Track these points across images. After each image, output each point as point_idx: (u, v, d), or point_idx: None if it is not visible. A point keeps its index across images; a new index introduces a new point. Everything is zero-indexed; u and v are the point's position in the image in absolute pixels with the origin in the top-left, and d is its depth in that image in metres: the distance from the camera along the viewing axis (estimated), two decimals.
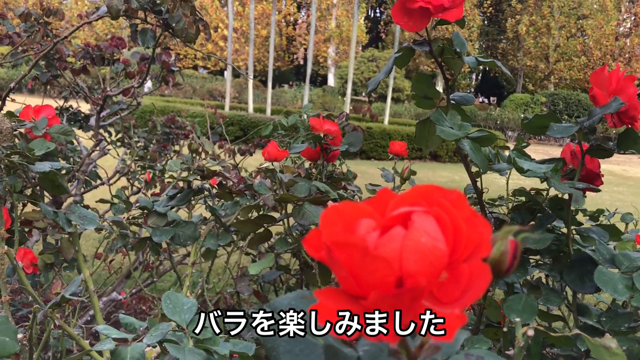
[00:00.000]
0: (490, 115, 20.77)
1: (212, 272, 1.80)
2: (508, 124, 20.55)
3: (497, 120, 20.55)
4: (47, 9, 1.89)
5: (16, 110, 2.14)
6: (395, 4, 0.72)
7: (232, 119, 11.12)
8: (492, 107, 24.63)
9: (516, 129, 20.58)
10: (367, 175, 7.35)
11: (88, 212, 0.85)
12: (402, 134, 11.14)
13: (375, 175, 6.70)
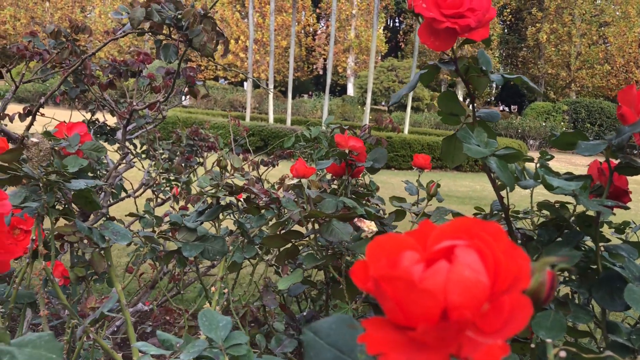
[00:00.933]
0: (512, 124, 20.59)
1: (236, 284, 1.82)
2: (529, 133, 20.35)
3: (518, 129, 20.36)
4: (76, 26, 1.95)
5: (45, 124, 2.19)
6: (421, 25, 0.73)
7: (253, 129, 11.21)
8: (513, 115, 24.43)
9: (537, 138, 20.37)
10: (388, 185, 7.34)
11: (121, 227, 0.87)
12: (422, 143, 11.11)
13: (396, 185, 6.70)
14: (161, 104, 2.14)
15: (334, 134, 2.30)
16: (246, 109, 15.31)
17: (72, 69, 1.72)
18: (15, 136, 1.97)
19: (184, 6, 1.36)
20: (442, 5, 0.71)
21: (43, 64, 1.99)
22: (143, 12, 1.24)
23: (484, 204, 4.76)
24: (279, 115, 18.15)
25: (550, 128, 20.48)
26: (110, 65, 2.31)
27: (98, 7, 30.79)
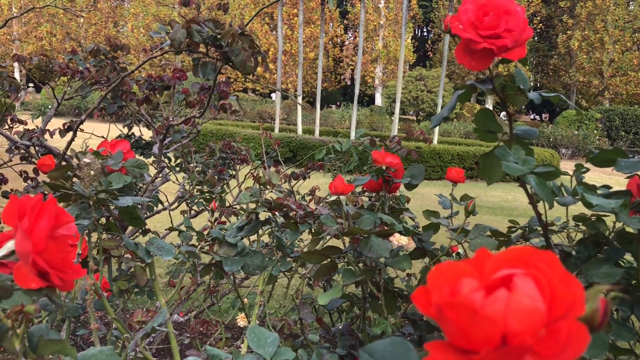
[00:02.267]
0: (543, 133, 20.27)
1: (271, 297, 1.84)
2: (561, 141, 20.00)
3: (549, 138, 20.03)
4: (115, 44, 2.01)
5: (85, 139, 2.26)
6: (458, 45, 0.74)
7: (282, 140, 11.30)
8: (544, 124, 24.07)
9: (570, 147, 20.01)
10: (418, 196, 7.30)
11: (165, 243, 0.90)
12: (452, 153, 11.03)
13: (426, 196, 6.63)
14: (197, 119, 2.19)
15: (365, 146, 2.32)
16: (275, 120, 15.44)
17: (112, 86, 1.77)
18: (57, 152, 2.04)
19: (223, 25, 1.40)
20: (479, 26, 0.72)
21: (83, 82, 2.06)
22: (184, 33, 1.28)
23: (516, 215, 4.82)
24: (307, 126, 18.25)
25: (583, 136, 20.11)
26: (146, 81, 2.38)
27: (130, 22, 31.52)
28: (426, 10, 37.26)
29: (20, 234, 0.44)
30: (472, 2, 0.75)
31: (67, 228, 0.47)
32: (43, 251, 0.44)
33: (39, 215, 0.45)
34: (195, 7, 1.65)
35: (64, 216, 0.47)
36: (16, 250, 0.44)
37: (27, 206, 0.45)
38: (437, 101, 15.69)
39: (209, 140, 10.29)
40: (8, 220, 0.46)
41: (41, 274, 0.45)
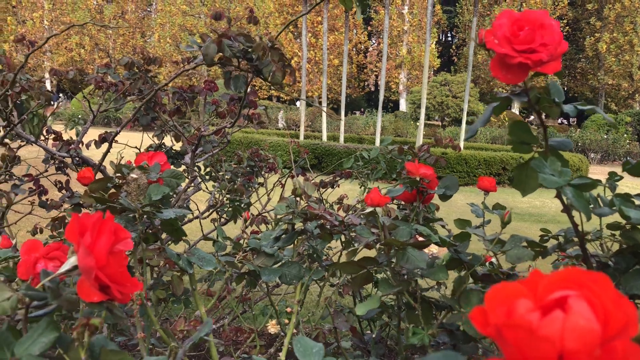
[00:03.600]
0: (571, 137, 19.94)
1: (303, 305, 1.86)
2: (590, 146, 19.65)
3: (578, 142, 19.70)
4: (148, 57, 2.06)
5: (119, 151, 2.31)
6: (493, 59, 0.75)
7: (307, 147, 11.34)
8: (572, 128, 23.69)
9: (599, 151, 19.66)
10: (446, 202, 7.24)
11: (205, 254, 0.93)
12: (478, 159, 10.94)
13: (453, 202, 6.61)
14: (228, 129, 2.23)
15: (393, 154, 2.33)
16: (300, 127, 15.51)
17: (147, 99, 1.82)
18: (93, 163, 2.10)
19: (253, 39, 1.43)
20: (514, 41, 0.73)
21: (117, 94, 2.12)
22: (215, 47, 1.32)
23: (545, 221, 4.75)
24: (331, 132, 18.29)
25: (612, 141, 19.73)
26: (176, 92, 2.42)
27: (157, 32, 32.06)
28: (450, 15, 37.09)
29: (83, 250, 0.46)
30: (507, 16, 0.76)
31: (124, 244, 0.50)
32: (104, 266, 0.46)
33: (99, 232, 0.47)
34: (225, 20, 1.68)
35: (122, 232, 0.50)
36: (79, 265, 0.47)
37: (88, 223, 0.48)
38: (463, 106, 15.58)
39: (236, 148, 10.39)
40: (70, 237, 0.48)
41: (102, 288, 0.47)
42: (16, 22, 32.73)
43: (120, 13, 32.62)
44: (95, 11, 31.91)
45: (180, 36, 30.94)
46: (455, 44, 37.18)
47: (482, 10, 29.59)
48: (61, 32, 1.39)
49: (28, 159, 2.46)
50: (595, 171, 15.77)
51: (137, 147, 2.51)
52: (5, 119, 1.89)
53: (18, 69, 1.59)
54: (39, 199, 2.06)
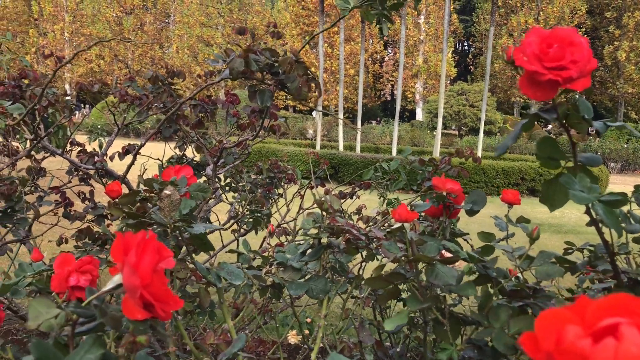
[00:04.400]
0: (590, 147, 19.72)
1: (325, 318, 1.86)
2: (610, 155, 19.41)
3: (597, 152, 19.48)
4: (171, 71, 2.10)
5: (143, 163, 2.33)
6: (522, 76, 0.76)
7: (324, 157, 11.37)
8: (591, 137, 23.40)
9: (619, 160, 19.41)
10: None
11: (234, 268, 0.94)
12: (496, 168, 10.87)
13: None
14: (249, 141, 2.25)
15: (414, 166, 2.33)
16: (317, 137, 15.55)
17: (172, 112, 1.85)
18: (117, 175, 2.13)
19: (278, 53, 1.44)
20: (544, 58, 0.73)
21: (141, 107, 2.15)
22: (242, 62, 1.34)
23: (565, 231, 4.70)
24: (348, 142, 18.31)
25: (632, 150, 19.48)
26: (199, 104, 2.45)
27: (175, 43, 32.44)
28: (467, 24, 37.04)
29: (128, 269, 0.48)
30: (536, 34, 0.76)
31: (167, 262, 0.51)
32: (149, 285, 0.48)
33: (144, 251, 0.49)
34: (249, 35, 1.71)
35: (165, 251, 0.51)
36: (124, 284, 0.48)
37: (132, 243, 0.49)
38: (480, 115, 15.51)
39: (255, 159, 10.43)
40: (115, 256, 0.50)
41: (146, 306, 0.49)
42: (37, 34, 33.38)
43: (139, 25, 33.08)
44: (115, 23, 32.42)
45: (198, 47, 31.30)
46: (471, 53, 37.09)
47: (498, 19, 29.50)
48: (88, 49, 1.42)
49: (51, 170, 2.51)
50: (615, 181, 15.56)
51: (160, 159, 2.55)
52: (32, 132, 1.93)
53: (46, 84, 1.63)
54: (64, 210, 2.09)
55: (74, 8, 32.89)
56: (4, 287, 0.88)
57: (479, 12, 34.86)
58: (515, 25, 28.86)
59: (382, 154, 14.29)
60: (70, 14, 32.79)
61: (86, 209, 2.18)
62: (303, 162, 11.37)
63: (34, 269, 0.95)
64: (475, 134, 21.58)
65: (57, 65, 1.58)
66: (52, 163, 2.61)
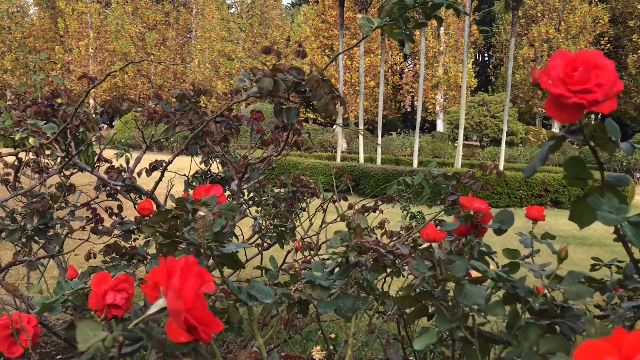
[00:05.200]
0: (615, 157, 19.42)
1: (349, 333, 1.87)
2: (636, 166, 19.08)
3: (622, 162, 19.16)
4: (198, 89, 2.14)
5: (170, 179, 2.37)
6: (548, 98, 0.77)
7: (344, 169, 11.39)
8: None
9: None
10: None
11: (264, 286, 0.96)
12: (518, 180, 10.76)
13: None
14: (274, 157, 2.28)
15: (438, 180, 2.34)
16: (337, 149, 15.59)
17: (198, 130, 1.89)
18: (145, 191, 2.18)
19: (304, 72, 1.47)
20: (569, 81, 0.74)
21: (169, 125, 2.20)
22: (271, 82, 1.37)
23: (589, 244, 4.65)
24: (368, 154, 18.31)
25: None
26: (224, 121, 2.50)
27: (197, 58, 32.92)
28: (487, 35, 36.91)
29: (172, 293, 0.50)
30: (561, 57, 0.78)
31: (208, 286, 0.53)
32: (192, 309, 0.50)
33: (187, 275, 0.51)
34: (275, 55, 1.74)
35: (206, 275, 0.53)
36: (168, 308, 0.50)
37: (175, 267, 0.51)
38: (501, 126, 15.41)
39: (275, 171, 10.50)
40: (159, 280, 0.52)
41: (189, 329, 0.51)
42: (63, 50, 34.14)
43: (162, 40, 33.64)
44: (138, 39, 33.00)
45: (220, 61, 31.68)
46: (492, 64, 36.91)
47: (519, 29, 29.33)
48: (120, 69, 1.47)
49: (79, 185, 2.57)
50: None
51: (186, 175, 2.59)
52: (63, 150, 1.98)
53: (79, 104, 1.68)
54: (95, 226, 2.14)
55: (98, 25, 33.60)
56: (45, 306, 0.91)
57: (499, 22, 34.73)
58: (536, 36, 28.68)
59: (403, 166, 14.26)
60: (95, 31, 33.49)
61: (113, 224, 2.23)
62: (324, 174, 11.40)
63: (71, 286, 0.99)
64: (497, 145, 21.42)
65: (90, 86, 1.63)
66: (79, 177, 2.67)
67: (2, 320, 1.01)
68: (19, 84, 2.02)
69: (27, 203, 2.13)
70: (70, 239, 2.43)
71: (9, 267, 1.82)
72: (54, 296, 1.04)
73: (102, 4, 34.40)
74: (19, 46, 32.56)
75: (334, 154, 17.75)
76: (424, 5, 1.47)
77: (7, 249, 4.96)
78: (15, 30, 32.79)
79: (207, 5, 33.60)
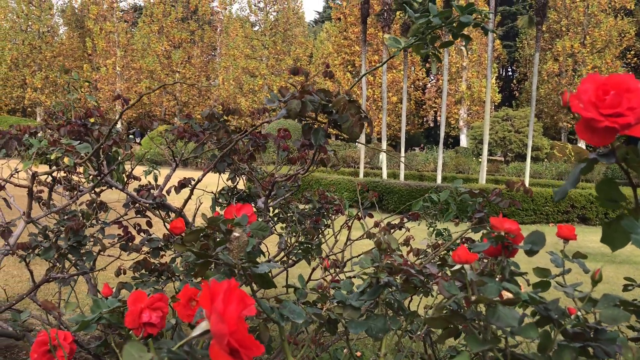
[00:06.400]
0: None
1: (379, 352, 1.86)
2: None
3: None
4: (227, 109, 2.18)
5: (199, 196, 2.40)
6: (579, 122, 0.78)
7: (368, 184, 11.37)
8: None
9: None
10: None
11: (296, 307, 0.97)
12: (544, 196, 10.62)
13: None
14: (300, 175, 2.30)
15: (464, 198, 2.33)
16: (360, 165, 15.59)
17: (228, 149, 1.92)
18: (174, 209, 2.21)
19: (331, 94, 1.50)
20: (600, 105, 0.75)
21: (198, 143, 2.24)
22: (299, 103, 1.39)
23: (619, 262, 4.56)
24: (391, 169, 18.26)
25: None
26: (251, 139, 2.53)
27: (221, 75, 33.38)
28: (510, 50, 36.73)
29: (216, 316, 0.52)
30: (592, 81, 0.78)
31: (249, 309, 0.55)
32: (235, 332, 0.52)
33: (230, 299, 0.53)
34: (303, 75, 1.77)
35: (248, 299, 0.55)
36: (212, 331, 0.52)
37: (218, 291, 0.53)
38: (526, 141, 15.25)
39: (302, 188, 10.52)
40: (203, 304, 0.54)
41: (231, 352, 0.52)
42: (91, 68, 34.96)
43: (187, 58, 34.20)
44: (164, 57, 33.61)
45: (243, 78, 32.07)
46: (516, 79, 36.67)
47: (543, 44, 29.12)
48: (152, 91, 1.51)
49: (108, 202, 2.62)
50: None
51: (213, 192, 2.63)
52: (96, 168, 2.03)
53: (113, 124, 1.73)
54: (125, 243, 2.18)
55: (125, 43, 34.34)
56: (83, 323, 0.94)
57: (522, 37, 34.55)
58: (560, 50, 28.44)
59: (427, 182, 14.19)
60: (122, 49, 34.24)
61: (142, 241, 2.27)
62: (347, 190, 11.40)
63: (108, 305, 1.01)
64: (522, 160, 21.20)
65: (123, 107, 1.67)
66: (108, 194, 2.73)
67: (41, 337, 1.05)
68: (54, 104, 2.08)
69: (59, 220, 2.18)
70: (100, 255, 2.48)
71: (42, 283, 1.86)
72: (90, 314, 1.07)
73: (129, 23, 35.18)
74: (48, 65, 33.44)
75: (356, 169, 17.75)
76: (451, 25, 1.49)
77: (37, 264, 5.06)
78: (45, 50, 33.71)
79: (231, 24, 34.12)
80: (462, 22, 1.35)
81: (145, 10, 34.34)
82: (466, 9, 1.32)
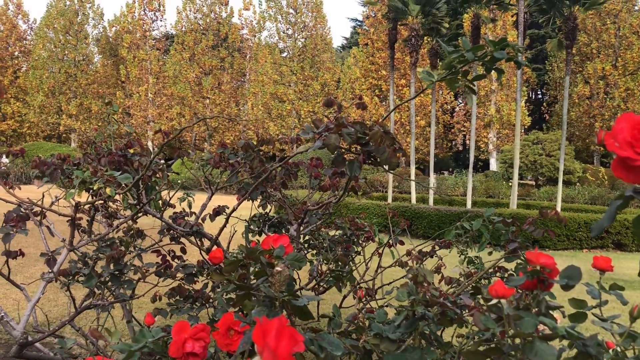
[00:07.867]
0: None
1: None
2: None
3: None
4: (262, 139, 2.24)
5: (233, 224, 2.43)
6: (615, 160, 0.79)
7: (397, 209, 11.33)
8: None
9: None
10: None
11: (334, 339, 1.00)
12: (578, 221, 10.41)
13: None
14: (332, 204, 2.33)
15: (498, 227, 2.33)
16: (388, 189, 15.55)
17: (263, 179, 1.96)
18: (210, 236, 2.26)
19: (367, 126, 1.53)
20: (636, 144, 0.77)
21: (232, 172, 2.30)
22: (337, 138, 1.43)
23: None
24: (420, 194, 18.16)
25: None
26: (283, 167, 2.58)
27: (250, 100, 33.87)
28: (540, 72, 36.43)
29: (268, 352, 0.55)
30: (627, 120, 0.80)
31: (299, 346, 0.58)
32: None
33: (281, 336, 0.56)
34: (336, 108, 1.81)
35: (297, 336, 0.58)
36: None
37: (270, 328, 0.56)
38: (557, 165, 15.02)
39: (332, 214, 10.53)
40: (256, 339, 0.57)
41: None
42: (124, 95, 35.88)
43: (217, 84, 34.83)
44: (194, 83, 34.30)
45: (272, 104, 32.48)
46: (546, 101, 36.28)
47: (573, 67, 28.83)
48: (192, 125, 1.57)
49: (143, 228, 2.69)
50: None
51: (246, 220, 2.68)
52: (135, 197, 2.10)
53: (153, 157, 1.79)
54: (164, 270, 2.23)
55: (157, 70, 35.19)
56: (130, 353, 0.97)
57: (552, 60, 34.27)
58: (591, 72, 28.11)
59: (457, 206, 14.06)
60: (154, 76, 35.08)
61: (177, 268, 2.32)
62: (376, 215, 11.36)
63: (152, 335, 1.05)
64: (553, 184, 20.85)
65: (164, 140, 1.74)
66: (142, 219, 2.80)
67: None
68: (95, 135, 2.17)
69: (97, 247, 2.25)
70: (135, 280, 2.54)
71: (84, 310, 1.92)
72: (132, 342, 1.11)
73: (162, 51, 36.08)
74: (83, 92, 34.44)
75: (384, 193, 17.70)
76: (484, 59, 1.51)
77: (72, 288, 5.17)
78: (80, 78, 34.77)
79: (260, 50, 34.70)
80: (496, 57, 1.38)
81: (177, 39, 35.21)
82: (499, 44, 1.34)
